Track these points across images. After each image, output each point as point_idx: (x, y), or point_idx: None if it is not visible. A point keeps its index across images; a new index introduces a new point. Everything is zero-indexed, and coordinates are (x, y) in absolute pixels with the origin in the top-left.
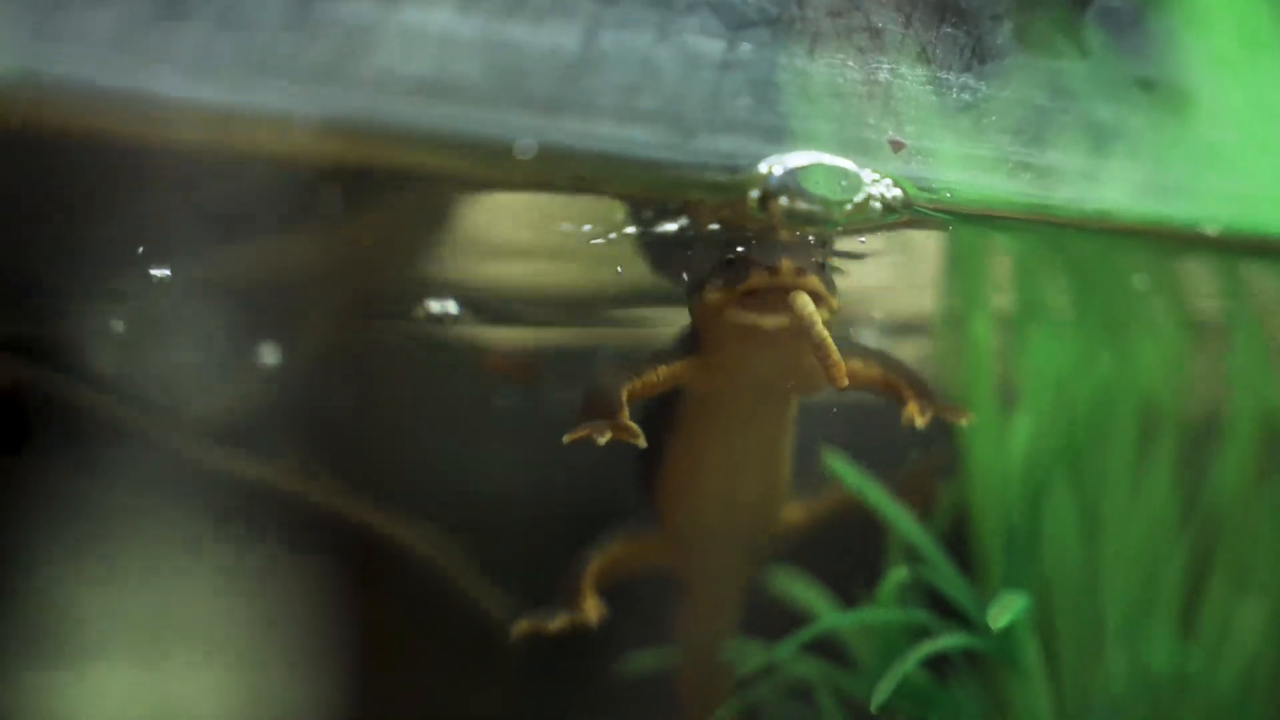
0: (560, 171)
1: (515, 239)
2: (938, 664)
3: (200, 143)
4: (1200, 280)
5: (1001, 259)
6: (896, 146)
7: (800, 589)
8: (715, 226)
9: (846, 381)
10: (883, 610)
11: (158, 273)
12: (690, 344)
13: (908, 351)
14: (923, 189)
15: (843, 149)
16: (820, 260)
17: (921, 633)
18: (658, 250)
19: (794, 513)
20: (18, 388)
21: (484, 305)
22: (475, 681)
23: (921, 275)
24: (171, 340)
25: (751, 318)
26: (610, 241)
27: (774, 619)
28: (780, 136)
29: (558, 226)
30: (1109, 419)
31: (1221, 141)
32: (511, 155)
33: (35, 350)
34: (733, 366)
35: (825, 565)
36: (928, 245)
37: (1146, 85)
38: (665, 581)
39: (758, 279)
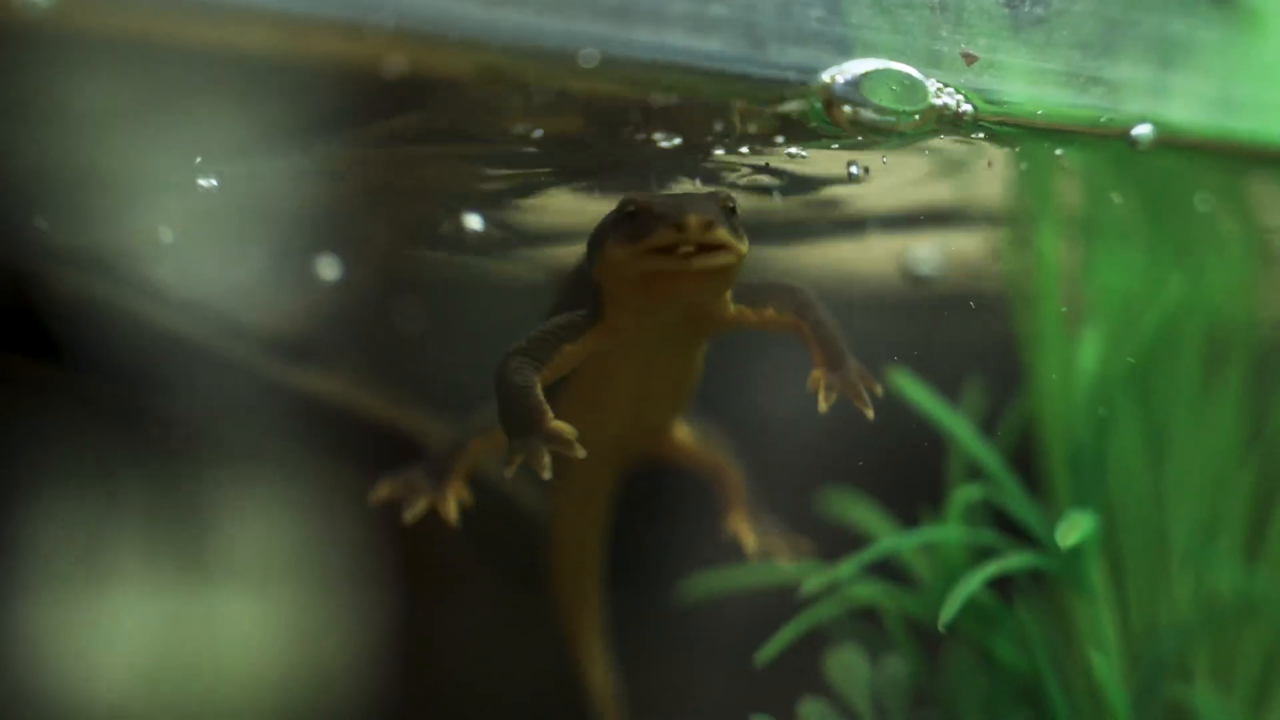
0: (630, 80)
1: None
2: (1002, 585)
3: (267, 49)
4: (1270, 198)
5: (1070, 175)
6: (969, 59)
7: (862, 510)
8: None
9: None
10: (948, 529)
11: (205, 183)
12: (591, 311)
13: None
14: (992, 102)
15: (915, 61)
16: (726, 200)
17: (986, 554)
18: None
19: (682, 434)
20: (79, 299)
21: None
22: (530, 597)
23: (983, 191)
24: (225, 252)
25: (661, 267)
26: None
27: (838, 541)
28: (851, 48)
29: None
30: (1177, 339)
31: None
32: (578, 64)
33: (96, 262)
34: (637, 323)
35: (888, 485)
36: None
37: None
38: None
39: (663, 236)
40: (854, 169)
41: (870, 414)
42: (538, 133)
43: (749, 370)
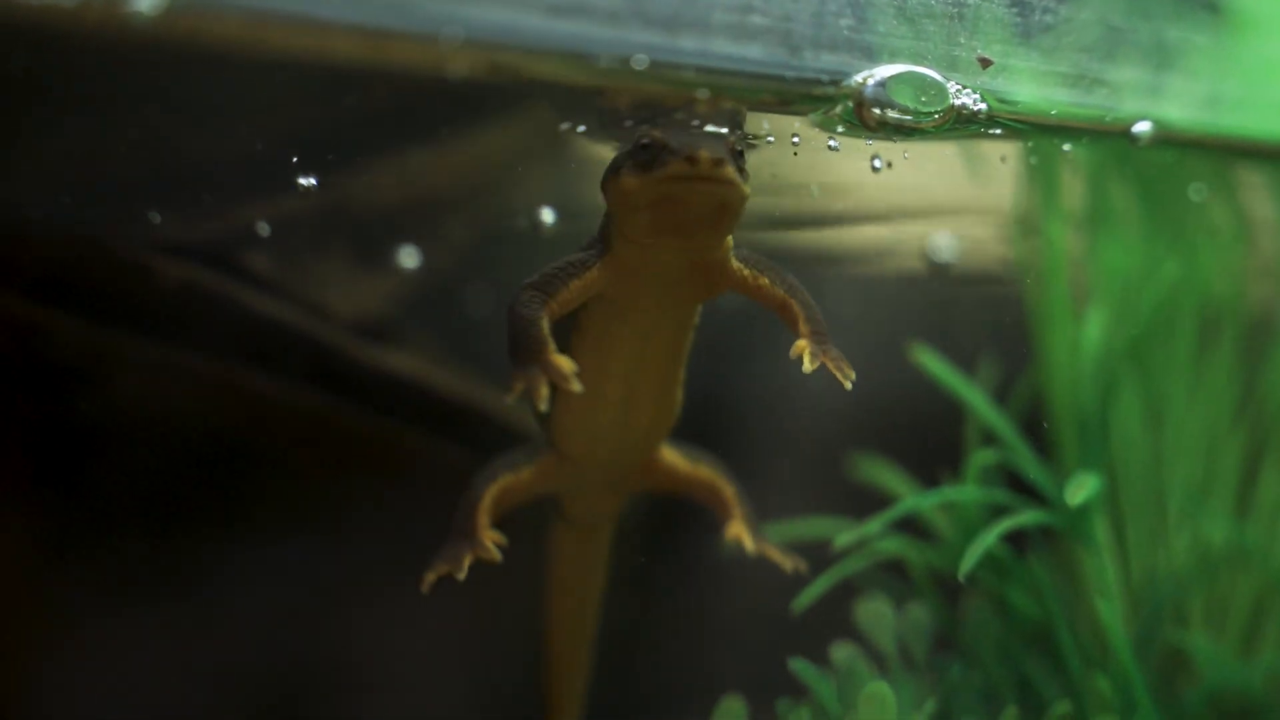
0: (677, 84)
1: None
2: (1016, 540)
3: (352, 59)
4: (1256, 187)
5: (1076, 168)
6: (985, 63)
7: (889, 473)
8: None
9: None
10: (967, 489)
11: (305, 181)
12: (600, 244)
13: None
14: (1005, 102)
15: (935, 65)
16: (735, 144)
17: (1000, 511)
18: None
19: (671, 458)
20: (185, 285)
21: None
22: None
23: (997, 184)
24: (321, 244)
25: (671, 192)
26: None
27: (867, 500)
28: (878, 54)
29: None
30: (1173, 316)
31: (1273, 58)
32: (632, 69)
33: (199, 252)
34: (643, 257)
35: (912, 450)
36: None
37: (1207, 7)
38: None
39: (676, 167)
40: (877, 162)
41: (849, 386)
42: (581, 128)
43: (783, 345)
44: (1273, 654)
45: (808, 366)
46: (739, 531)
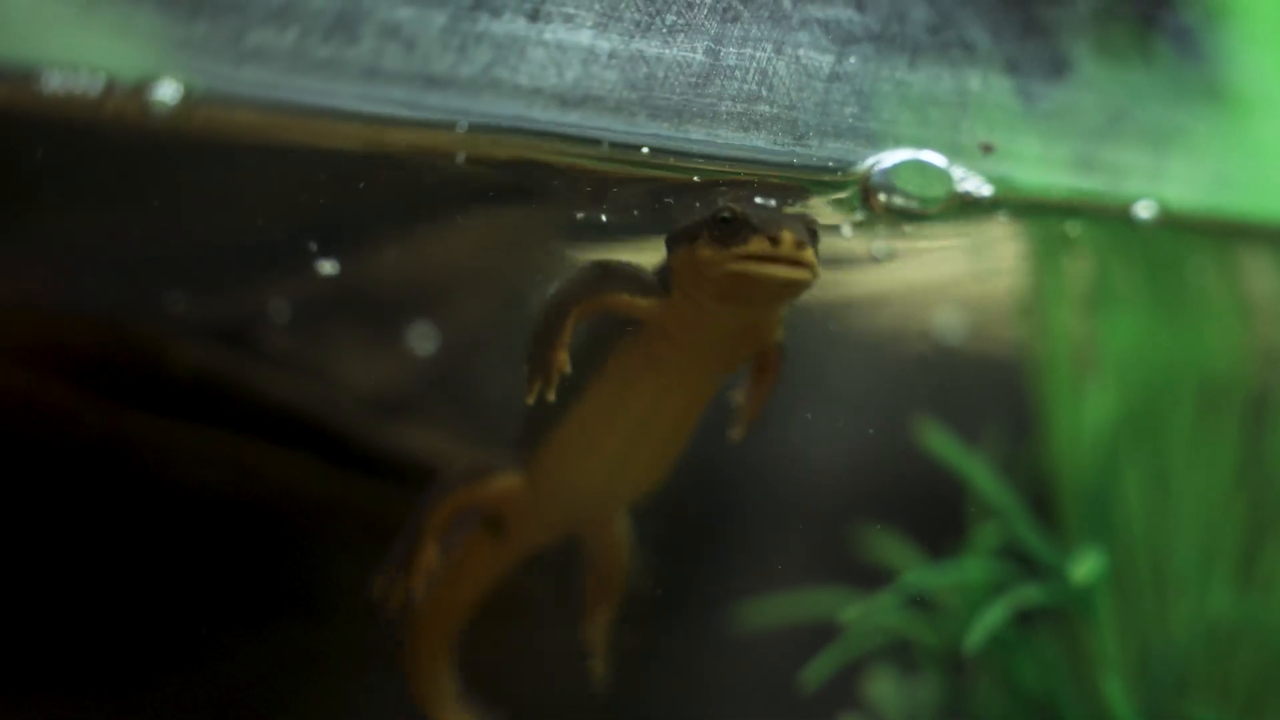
0: (684, 171)
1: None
2: (1020, 612)
3: (366, 148)
4: (1256, 265)
5: (1078, 248)
6: (987, 149)
7: (892, 546)
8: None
9: None
10: (973, 565)
11: (327, 264)
12: (663, 287)
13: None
14: (1008, 185)
15: (940, 151)
16: (811, 227)
17: (1004, 586)
18: None
19: (621, 532)
20: (203, 366)
21: None
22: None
23: (1001, 265)
24: (336, 324)
25: (749, 270)
26: None
27: (867, 575)
28: (882, 140)
29: None
30: (1175, 392)
31: (1273, 140)
32: (641, 155)
33: (217, 333)
34: (698, 314)
35: (915, 524)
36: (1001, 235)
37: (1208, 92)
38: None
39: (758, 245)
40: (877, 246)
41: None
42: (604, 217)
43: (787, 414)
44: None
45: (734, 434)
46: (594, 635)
